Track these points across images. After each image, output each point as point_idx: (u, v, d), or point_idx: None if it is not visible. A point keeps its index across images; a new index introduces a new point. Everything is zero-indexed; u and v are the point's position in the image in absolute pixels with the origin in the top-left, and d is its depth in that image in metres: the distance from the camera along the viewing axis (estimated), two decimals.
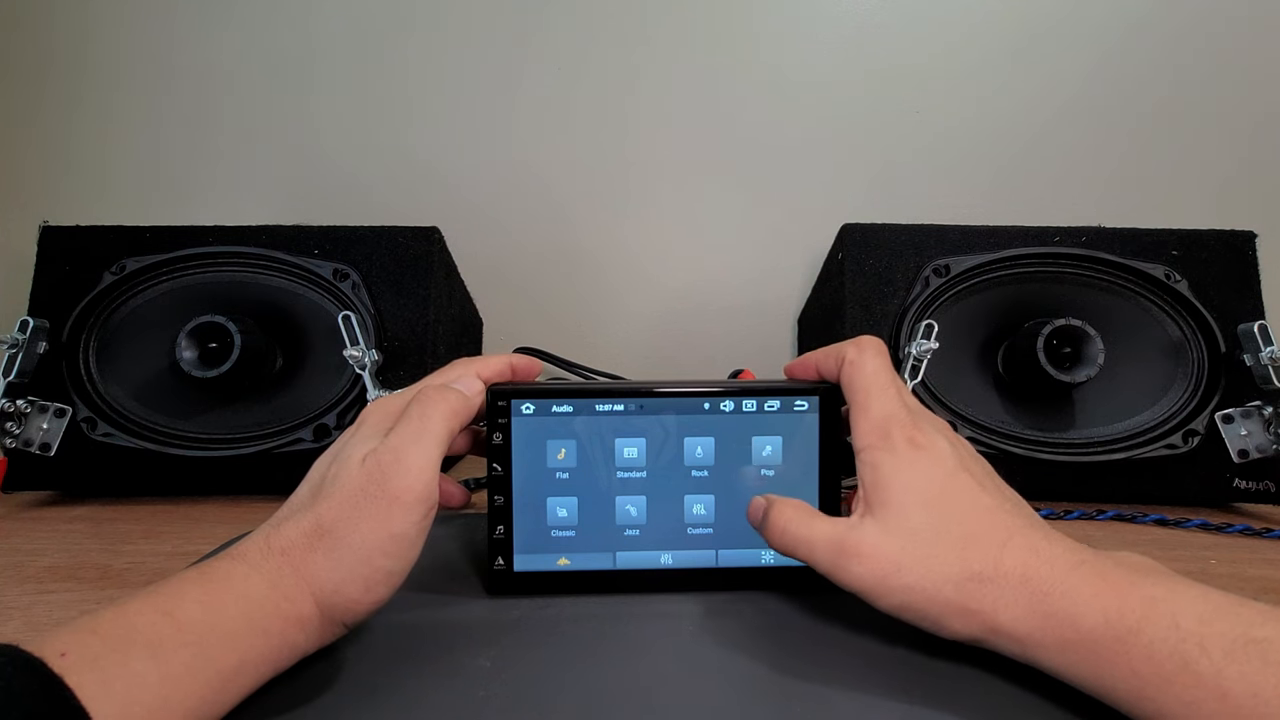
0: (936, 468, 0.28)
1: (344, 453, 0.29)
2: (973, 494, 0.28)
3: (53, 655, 0.19)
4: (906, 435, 0.29)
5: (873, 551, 0.27)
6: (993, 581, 0.25)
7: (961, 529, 0.27)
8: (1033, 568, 0.25)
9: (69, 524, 0.48)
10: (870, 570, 0.27)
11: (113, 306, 0.54)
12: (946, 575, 0.26)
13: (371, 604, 0.27)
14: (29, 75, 0.77)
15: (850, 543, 0.28)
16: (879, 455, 0.29)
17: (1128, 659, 0.22)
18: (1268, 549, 0.45)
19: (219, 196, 0.79)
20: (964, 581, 0.26)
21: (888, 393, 0.30)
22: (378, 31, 0.77)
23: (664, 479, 0.34)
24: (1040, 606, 0.24)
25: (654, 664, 0.28)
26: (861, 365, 0.31)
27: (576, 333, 0.80)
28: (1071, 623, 0.24)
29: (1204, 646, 0.21)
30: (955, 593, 0.26)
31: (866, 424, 0.30)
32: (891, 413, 0.30)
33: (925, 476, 0.28)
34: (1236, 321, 0.52)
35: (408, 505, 0.27)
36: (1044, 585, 0.25)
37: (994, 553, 0.26)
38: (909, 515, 0.27)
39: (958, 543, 0.26)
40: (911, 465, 0.28)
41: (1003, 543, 0.26)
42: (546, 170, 0.79)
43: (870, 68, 0.77)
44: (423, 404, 0.29)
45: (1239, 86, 0.75)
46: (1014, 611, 0.25)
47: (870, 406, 0.30)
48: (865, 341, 0.32)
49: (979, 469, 0.30)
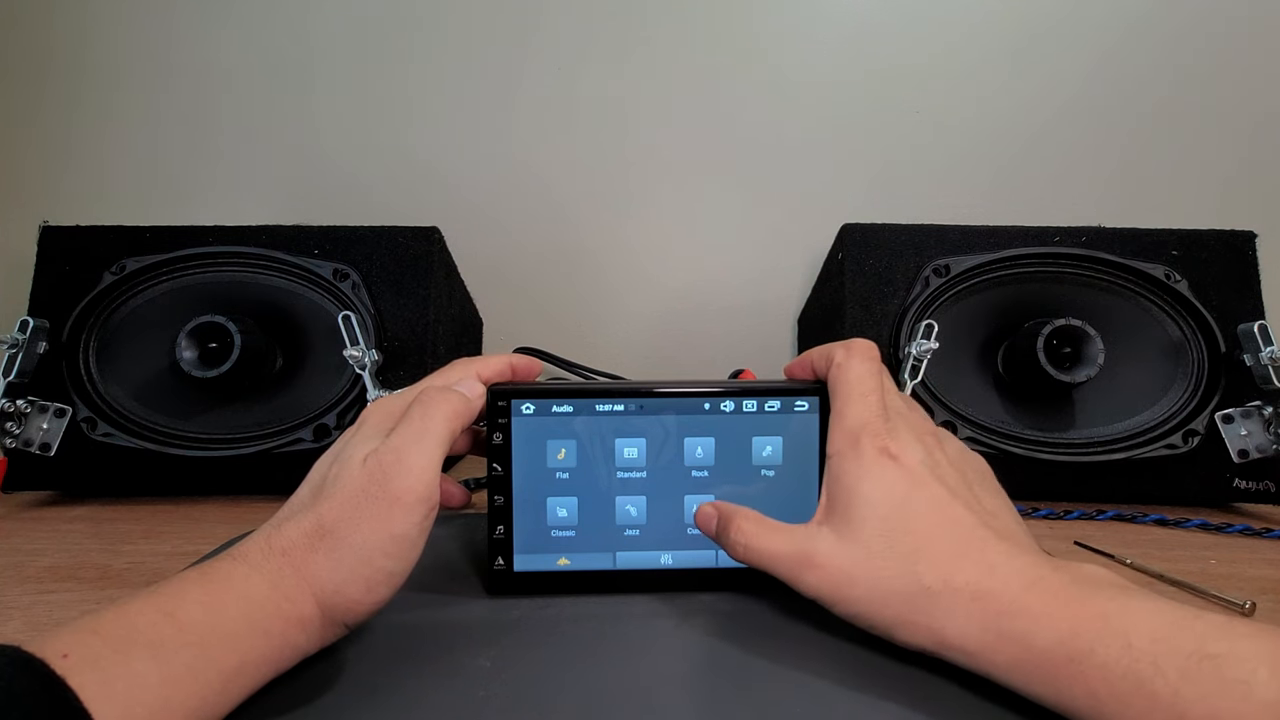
0: (901, 479, 0.28)
1: (345, 453, 0.29)
2: (939, 506, 0.28)
3: (54, 656, 0.19)
4: (878, 444, 0.29)
5: (826, 562, 0.28)
6: (941, 597, 0.25)
7: (915, 543, 0.27)
8: (984, 585, 0.25)
9: (69, 524, 0.48)
10: (824, 580, 0.28)
11: (113, 306, 0.54)
12: (895, 589, 0.26)
13: (373, 604, 0.27)
14: (29, 75, 0.77)
15: (807, 553, 0.28)
16: (845, 463, 0.29)
17: (1084, 679, 0.22)
18: (1268, 549, 0.45)
19: (219, 196, 0.79)
20: (912, 596, 0.26)
21: (867, 400, 0.30)
22: (378, 31, 0.77)
23: (664, 479, 0.34)
24: (992, 625, 0.24)
25: (654, 664, 0.28)
26: (846, 369, 0.31)
27: (576, 333, 0.80)
28: (1024, 642, 0.23)
29: (1158, 666, 0.21)
30: (903, 606, 0.26)
31: (839, 430, 0.30)
32: (866, 421, 0.30)
33: (887, 488, 0.28)
34: (1236, 321, 0.52)
35: (409, 506, 0.27)
36: (995, 604, 0.24)
37: (946, 568, 0.26)
38: (865, 526, 0.28)
39: (909, 556, 0.27)
40: (876, 476, 0.28)
41: (957, 557, 0.26)
42: (546, 170, 0.79)
43: (870, 68, 0.77)
44: (424, 405, 0.29)
45: (1239, 86, 0.75)
46: (964, 628, 0.25)
47: (846, 413, 0.30)
48: (855, 345, 0.32)
49: (954, 478, 0.29)
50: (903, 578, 0.26)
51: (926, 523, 0.27)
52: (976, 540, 0.27)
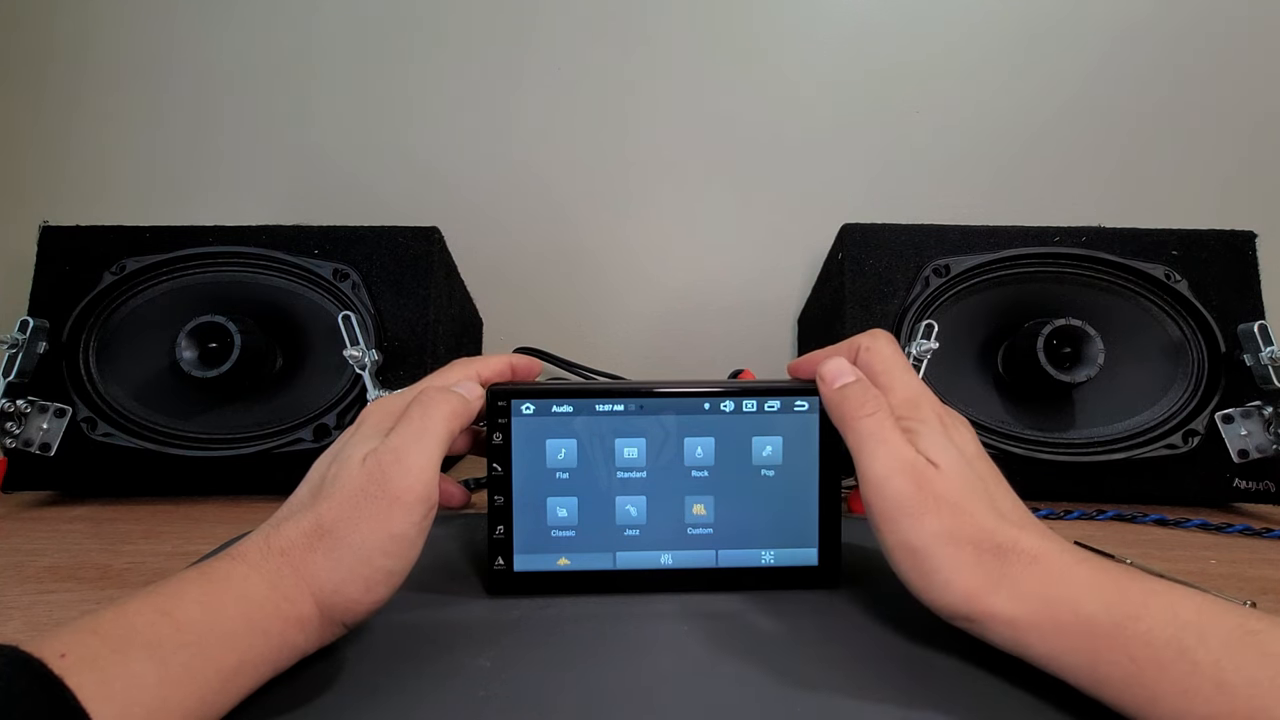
0: (971, 443, 0.30)
1: (344, 453, 0.29)
2: (998, 475, 0.30)
3: (52, 656, 0.19)
4: (936, 411, 0.30)
5: (945, 480, 0.28)
6: (1008, 555, 0.26)
7: (996, 498, 0.28)
8: (1044, 552, 0.26)
9: (69, 524, 0.48)
10: (942, 489, 0.27)
11: (113, 306, 0.54)
12: (983, 526, 0.26)
13: (371, 604, 0.27)
14: (29, 75, 0.77)
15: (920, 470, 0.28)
16: (914, 425, 0.29)
17: (1125, 644, 0.22)
18: (1268, 549, 0.45)
19: (219, 196, 0.79)
20: (989, 540, 0.26)
21: (911, 372, 0.32)
22: (378, 31, 0.77)
23: (664, 479, 0.34)
24: (1042, 590, 0.25)
25: (654, 664, 0.27)
26: (879, 350, 0.32)
27: (576, 333, 0.80)
28: (1071, 607, 0.24)
29: (1202, 636, 0.21)
30: (974, 552, 0.26)
31: (895, 399, 0.30)
32: (920, 389, 0.31)
33: (965, 442, 0.30)
34: (1236, 321, 0.52)
35: (408, 505, 0.27)
36: (1052, 569, 0.25)
37: (1015, 530, 0.26)
38: (968, 464, 0.28)
39: (994, 510, 0.27)
40: (950, 435, 0.29)
41: (1023, 524, 0.27)
42: (546, 170, 0.79)
43: (870, 68, 0.77)
44: (424, 405, 0.29)
45: (1239, 86, 0.75)
46: (1017, 589, 0.25)
47: (895, 386, 0.31)
48: (878, 331, 0.33)
49: (983, 464, 0.31)
50: (991, 521, 0.26)
51: (999, 483, 0.29)
52: (1016, 517, 0.28)
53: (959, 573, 0.26)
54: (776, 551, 0.33)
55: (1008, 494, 0.29)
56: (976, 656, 0.27)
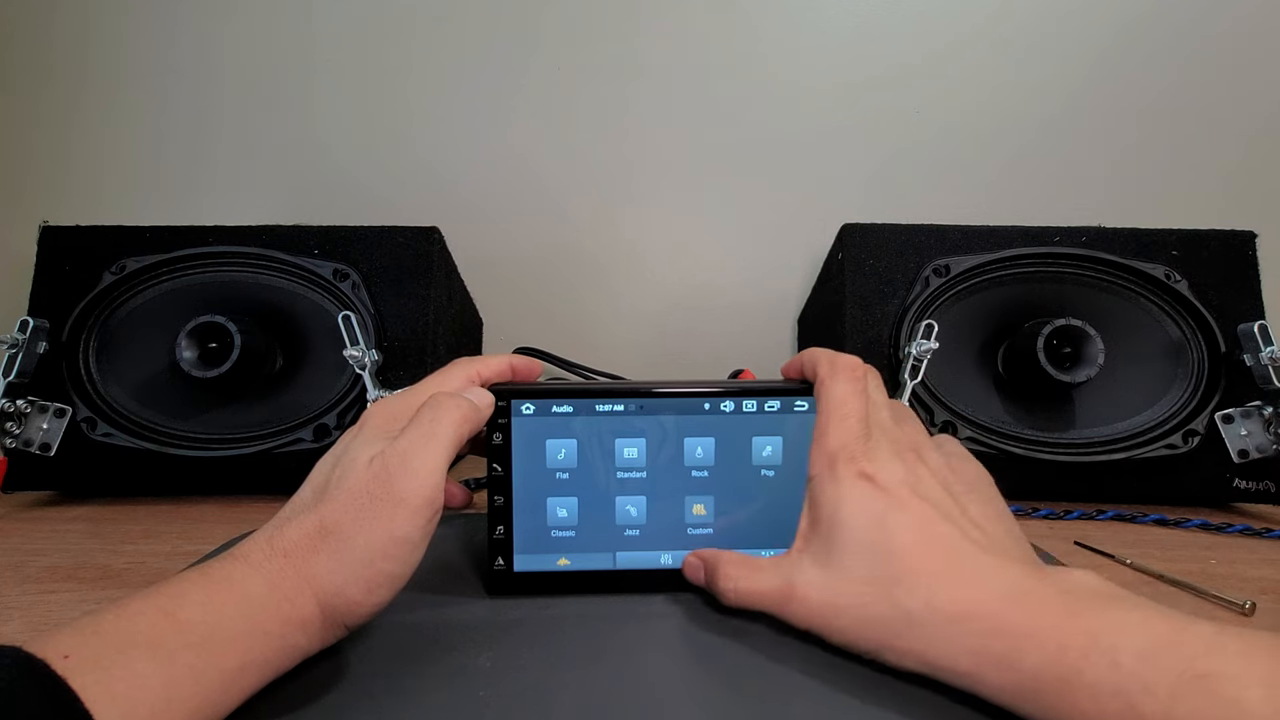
0: (878, 502, 0.28)
1: (349, 454, 0.29)
2: (919, 525, 0.27)
3: (55, 657, 0.19)
4: (855, 468, 0.29)
5: (808, 594, 0.28)
6: (923, 623, 0.25)
7: (896, 566, 0.26)
8: (966, 606, 0.24)
9: (69, 524, 0.48)
10: (810, 612, 0.28)
11: (113, 306, 0.54)
12: (877, 615, 0.26)
13: (373, 606, 0.27)
14: (29, 75, 0.77)
15: (790, 585, 0.29)
16: (823, 487, 0.29)
17: (1073, 699, 0.21)
18: (1268, 549, 0.45)
19: (219, 196, 0.79)
20: (894, 621, 0.26)
21: (846, 423, 0.30)
22: (378, 31, 0.77)
23: (664, 479, 0.34)
24: (977, 646, 0.24)
25: (654, 664, 0.27)
26: (830, 390, 0.31)
27: (576, 333, 0.80)
28: (1010, 663, 0.23)
29: (1147, 686, 0.20)
30: (886, 632, 0.26)
31: (818, 452, 0.30)
32: (844, 443, 0.29)
33: (865, 511, 0.28)
34: (1236, 321, 0.52)
35: (414, 509, 0.27)
36: (979, 624, 0.24)
37: (926, 590, 0.25)
38: (845, 552, 0.28)
39: (889, 581, 0.26)
40: (853, 500, 0.28)
41: (939, 576, 0.26)
42: (546, 170, 0.79)
43: (870, 68, 0.77)
44: (434, 409, 0.29)
45: (1239, 86, 0.75)
46: (949, 650, 0.24)
47: (825, 436, 0.30)
48: (840, 363, 0.32)
49: (937, 493, 0.29)
50: (884, 603, 0.26)
51: (906, 543, 0.27)
52: (959, 557, 0.26)
53: (885, 656, 0.26)
54: (776, 551, 0.33)
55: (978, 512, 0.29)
56: None
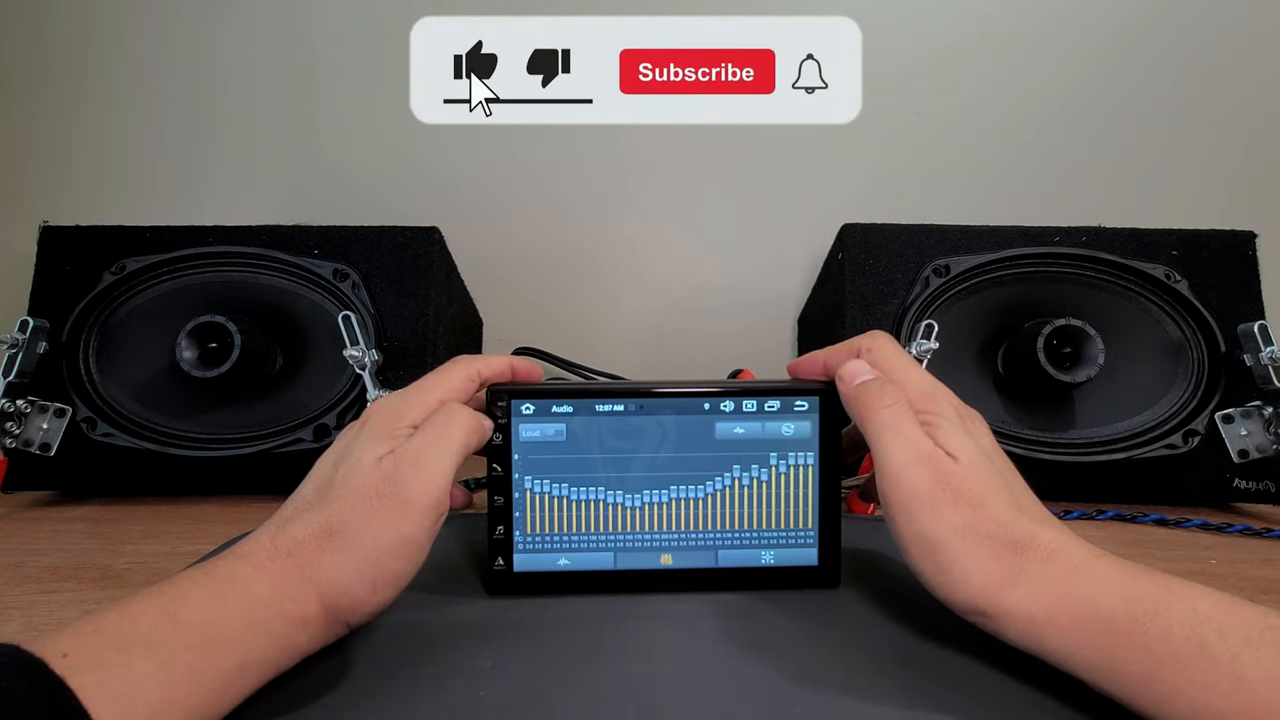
0: (987, 437, 0.30)
1: (353, 453, 0.29)
2: (1015, 471, 0.30)
3: (55, 656, 0.19)
4: (953, 404, 0.30)
5: (963, 473, 0.27)
6: (1026, 550, 0.26)
7: (1015, 493, 0.28)
8: (1061, 547, 0.26)
9: (69, 524, 0.48)
10: (960, 482, 0.27)
11: (113, 306, 0.54)
12: (1001, 521, 0.26)
13: (377, 605, 0.27)
14: (29, 75, 0.77)
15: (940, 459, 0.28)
16: (932, 418, 0.29)
17: (1144, 639, 0.22)
18: (1268, 549, 0.45)
19: (219, 196, 0.79)
20: (1007, 535, 0.26)
21: (920, 367, 0.32)
22: (378, 31, 0.77)
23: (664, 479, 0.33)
24: (1059, 585, 0.25)
25: (654, 664, 0.27)
26: (881, 349, 0.32)
27: (576, 333, 0.80)
28: (1089, 603, 0.24)
29: (1222, 631, 0.21)
30: (992, 546, 0.26)
31: (911, 393, 0.30)
32: (934, 383, 0.31)
33: (982, 436, 0.30)
34: (1236, 321, 0.52)
35: (422, 509, 0.27)
36: (1068, 564, 0.25)
37: (1033, 525, 0.26)
38: (986, 458, 0.28)
39: (1013, 504, 0.27)
40: (968, 429, 0.29)
41: (1040, 520, 0.27)
42: (546, 171, 0.79)
43: (870, 67, 0.77)
44: (448, 414, 0.30)
45: (1239, 86, 0.75)
46: (1034, 585, 0.25)
47: (910, 381, 0.31)
48: (876, 332, 0.33)
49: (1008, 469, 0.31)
50: (1009, 516, 0.26)
51: (1016, 478, 0.29)
52: (1045, 513, 0.28)
53: (976, 567, 0.26)
54: (776, 552, 0.33)
55: (1025, 489, 0.29)
56: (978, 655, 0.27)
